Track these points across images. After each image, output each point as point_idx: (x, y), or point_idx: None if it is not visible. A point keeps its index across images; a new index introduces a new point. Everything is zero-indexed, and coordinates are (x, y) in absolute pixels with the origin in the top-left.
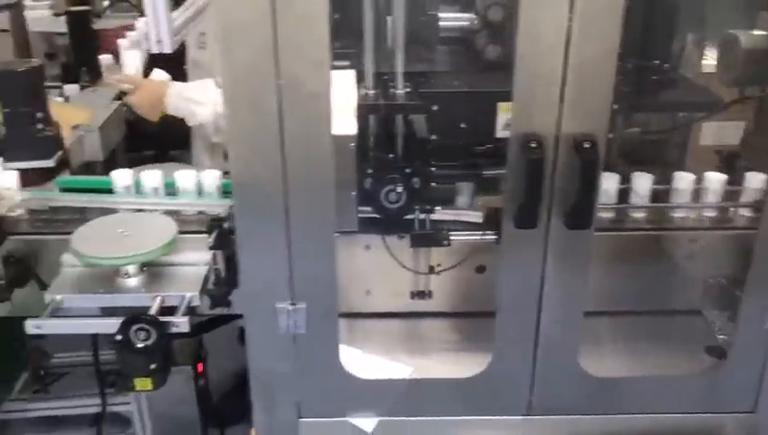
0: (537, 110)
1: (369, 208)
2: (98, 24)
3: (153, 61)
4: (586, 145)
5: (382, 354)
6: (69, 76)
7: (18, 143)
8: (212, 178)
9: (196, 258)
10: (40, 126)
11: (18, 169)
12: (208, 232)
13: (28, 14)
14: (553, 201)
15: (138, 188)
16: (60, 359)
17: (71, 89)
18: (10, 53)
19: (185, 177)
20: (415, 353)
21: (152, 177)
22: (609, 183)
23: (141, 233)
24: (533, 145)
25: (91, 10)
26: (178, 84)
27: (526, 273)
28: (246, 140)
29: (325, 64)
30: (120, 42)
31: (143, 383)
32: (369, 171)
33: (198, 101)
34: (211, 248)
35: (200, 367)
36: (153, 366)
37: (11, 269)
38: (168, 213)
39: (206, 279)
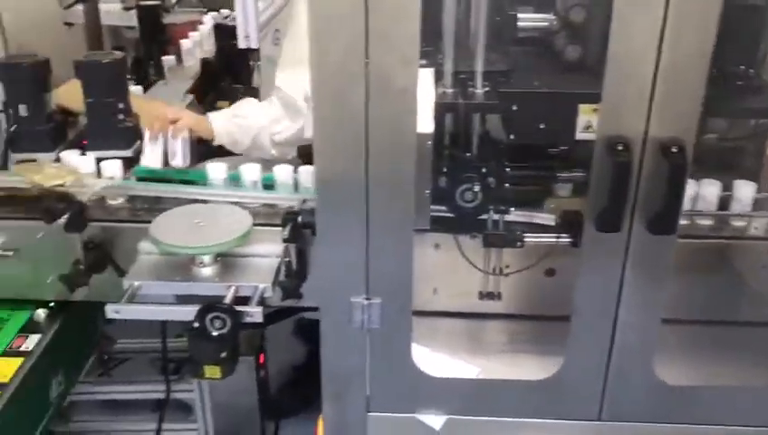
0: (625, 112)
1: (440, 207)
2: (167, 19)
3: (218, 57)
4: (674, 149)
5: (448, 353)
6: (139, 69)
7: (99, 133)
8: (285, 172)
9: (267, 250)
10: (121, 117)
11: (98, 159)
12: (282, 225)
13: (99, 7)
14: (636, 205)
15: (211, 180)
16: (123, 344)
17: (135, 90)
18: (83, 46)
19: (256, 170)
20: (481, 354)
21: (222, 170)
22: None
23: (217, 224)
24: (620, 148)
25: (160, 5)
26: (219, 117)
27: (605, 277)
28: (331, 135)
29: (414, 61)
30: (183, 42)
31: (212, 371)
32: (445, 170)
33: (245, 114)
34: (285, 241)
35: (261, 358)
36: (223, 355)
37: (90, 255)
38: (239, 204)
39: (277, 271)
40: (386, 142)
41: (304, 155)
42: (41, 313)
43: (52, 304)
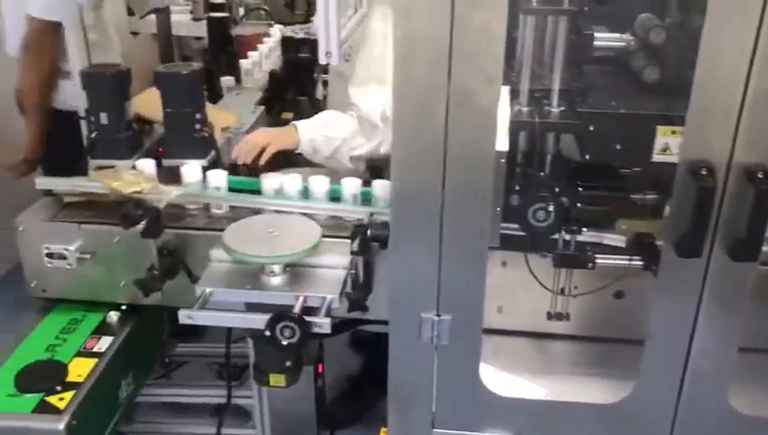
0: (710, 136)
1: (510, 225)
2: (235, 30)
3: (284, 69)
4: (759, 175)
5: (514, 373)
6: (207, 80)
7: (177, 142)
8: (353, 185)
9: (334, 261)
10: (197, 127)
11: (174, 167)
12: (352, 238)
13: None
14: (718, 231)
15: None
16: (182, 348)
17: None
18: (155, 56)
19: (325, 183)
20: (548, 375)
21: (297, 182)
22: None
23: (288, 234)
24: (704, 172)
25: (229, 17)
26: (307, 127)
27: (682, 302)
28: (410, 150)
29: (497, 80)
30: (251, 54)
31: (277, 379)
32: (517, 188)
33: (330, 124)
34: (353, 253)
35: (320, 368)
36: (288, 364)
37: (164, 261)
38: (307, 216)
39: (344, 283)
40: (464, 159)
41: (372, 169)
42: (113, 315)
43: (123, 306)
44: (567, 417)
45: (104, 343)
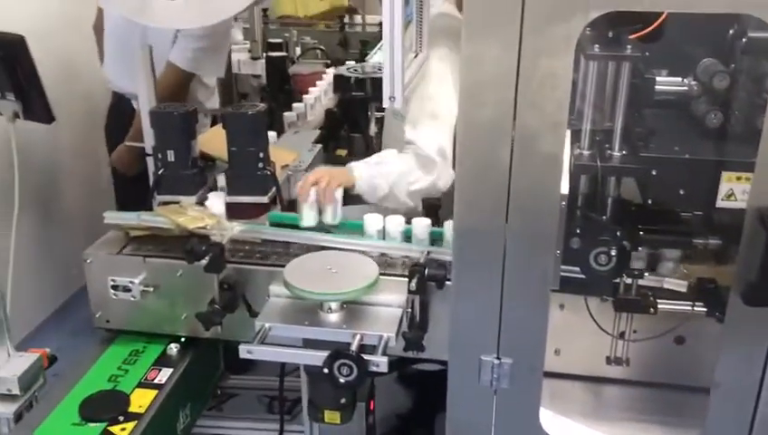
0: None
1: (569, 267)
2: (292, 69)
3: (341, 106)
4: None
5: (572, 418)
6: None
7: (240, 180)
8: (399, 223)
9: (389, 299)
10: (260, 165)
11: (236, 203)
12: (409, 277)
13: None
14: None
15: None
16: (233, 380)
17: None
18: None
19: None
20: (607, 420)
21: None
22: None
23: (347, 271)
24: None
25: (287, 56)
26: (360, 165)
27: (750, 351)
28: (474, 192)
29: (563, 125)
30: (311, 89)
31: (332, 416)
32: (578, 231)
33: (384, 162)
34: (411, 292)
35: (372, 405)
36: (343, 401)
37: (224, 295)
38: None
39: (400, 321)
40: (528, 202)
41: (428, 208)
42: (173, 347)
43: (183, 339)
44: None
45: (164, 375)
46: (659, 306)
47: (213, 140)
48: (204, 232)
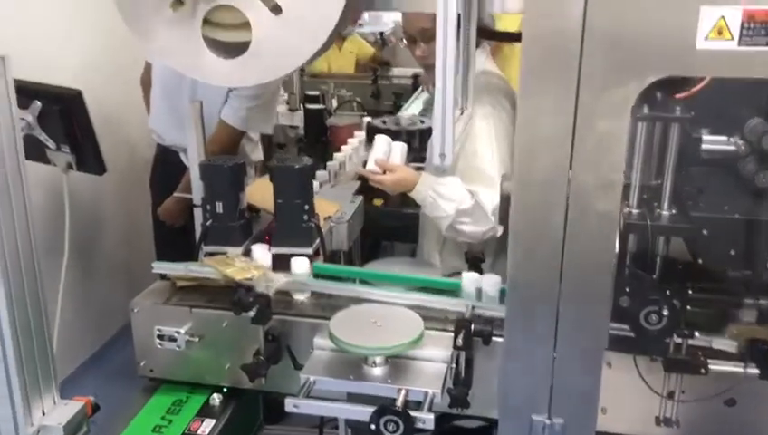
0: None
1: (618, 325)
2: (329, 121)
3: None
4: None
5: None
6: None
7: (285, 232)
8: (472, 279)
9: (433, 354)
10: (305, 217)
11: (281, 255)
12: (455, 332)
13: None
14: None
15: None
16: (270, 431)
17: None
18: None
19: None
20: None
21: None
22: None
23: (391, 325)
24: None
25: (325, 108)
26: (431, 177)
27: None
28: (527, 248)
29: (618, 185)
30: (350, 140)
31: None
32: (627, 289)
33: (446, 196)
34: (457, 348)
35: None
36: None
37: (269, 347)
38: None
39: (445, 377)
40: (582, 261)
41: (472, 260)
42: (216, 398)
43: (225, 389)
44: None
45: (207, 426)
46: (710, 367)
47: (259, 192)
48: (250, 283)
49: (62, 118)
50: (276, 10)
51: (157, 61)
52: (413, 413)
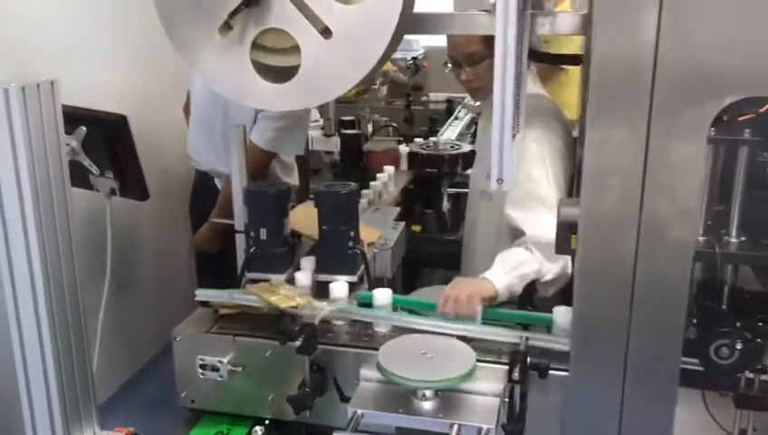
0: None
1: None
2: (366, 146)
3: (414, 183)
4: None
5: None
6: None
7: (330, 258)
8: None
9: (485, 387)
10: (350, 244)
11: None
12: (510, 364)
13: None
14: None
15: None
16: None
17: None
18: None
19: None
20: None
21: None
22: None
23: (442, 356)
24: None
25: (362, 133)
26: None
27: None
28: (596, 279)
29: (692, 212)
30: (386, 168)
31: None
32: (695, 320)
33: (520, 262)
34: (513, 382)
35: None
36: None
37: (314, 378)
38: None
39: (498, 411)
40: (654, 292)
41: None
42: (258, 430)
43: (267, 421)
44: None
45: None
46: None
47: (302, 217)
48: (295, 311)
49: (106, 143)
50: (326, 33)
51: (196, 87)
52: None
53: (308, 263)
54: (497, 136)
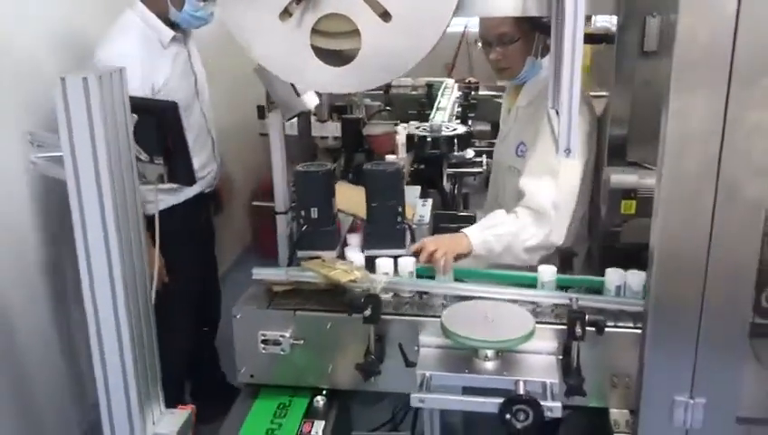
0: None
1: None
2: (365, 130)
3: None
4: None
5: None
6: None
7: (380, 234)
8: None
9: (539, 347)
10: (399, 219)
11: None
12: (570, 324)
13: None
14: None
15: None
16: None
17: None
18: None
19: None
20: None
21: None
22: None
23: (503, 320)
24: None
25: (361, 118)
26: (475, 231)
27: None
28: (676, 238)
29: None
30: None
31: None
32: None
33: (499, 223)
34: (575, 338)
35: None
36: None
37: (378, 346)
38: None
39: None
40: (729, 248)
41: (563, 258)
42: (320, 400)
43: (324, 392)
44: None
45: (318, 428)
46: None
47: (341, 196)
48: (353, 285)
49: (157, 130)
50: (386, 17)
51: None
52: (543, 403)
53: (354, 239)
54: (565, 108)
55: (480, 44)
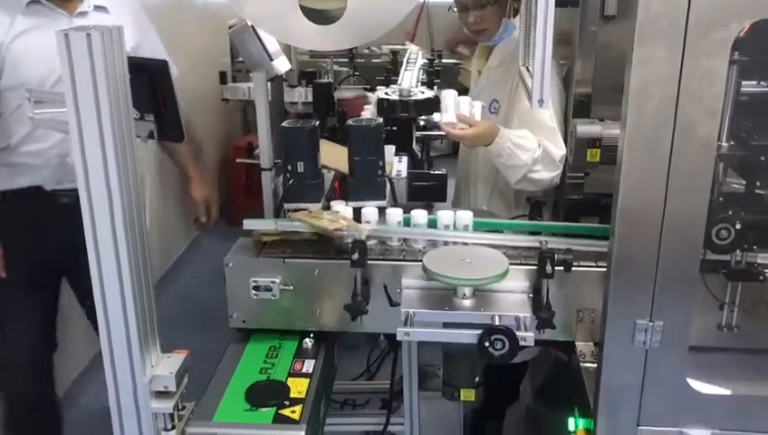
0: None
1: None
2: (336, 94)
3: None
4: None
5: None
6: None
7: (362, 186)
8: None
9: (511, 286)
10: (379, 172)
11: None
12: (540, 263)
13: None
14: None
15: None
16: None
17: None
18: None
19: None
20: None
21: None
22: None
23: (479, 261)
24: None
25: (332, 83)
26: (508, 130)
27: None
28: (639, 173)
29: (716, 114)
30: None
31: (467, 394)
32: None
33: (523, 146)
34: (545, 276)
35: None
36: (477, 380)
37: (364, 289)
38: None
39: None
40: (684, 178)
41: (534, 205)
42: (308, 341)
43: (311, 334)
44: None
45: (309, 366)
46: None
47: (325, 153)
48: (341, 233)
49: (149, 87)
50: None
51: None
52: (519, 333)
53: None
54: (539, 63)
55: (456, 10)
